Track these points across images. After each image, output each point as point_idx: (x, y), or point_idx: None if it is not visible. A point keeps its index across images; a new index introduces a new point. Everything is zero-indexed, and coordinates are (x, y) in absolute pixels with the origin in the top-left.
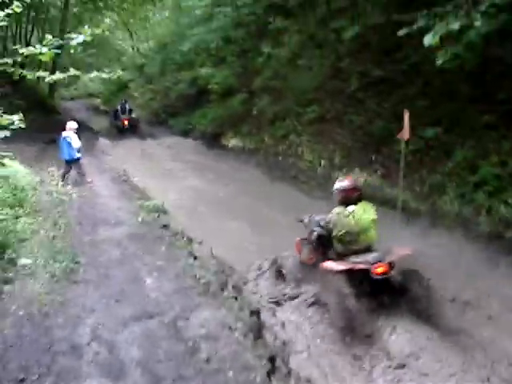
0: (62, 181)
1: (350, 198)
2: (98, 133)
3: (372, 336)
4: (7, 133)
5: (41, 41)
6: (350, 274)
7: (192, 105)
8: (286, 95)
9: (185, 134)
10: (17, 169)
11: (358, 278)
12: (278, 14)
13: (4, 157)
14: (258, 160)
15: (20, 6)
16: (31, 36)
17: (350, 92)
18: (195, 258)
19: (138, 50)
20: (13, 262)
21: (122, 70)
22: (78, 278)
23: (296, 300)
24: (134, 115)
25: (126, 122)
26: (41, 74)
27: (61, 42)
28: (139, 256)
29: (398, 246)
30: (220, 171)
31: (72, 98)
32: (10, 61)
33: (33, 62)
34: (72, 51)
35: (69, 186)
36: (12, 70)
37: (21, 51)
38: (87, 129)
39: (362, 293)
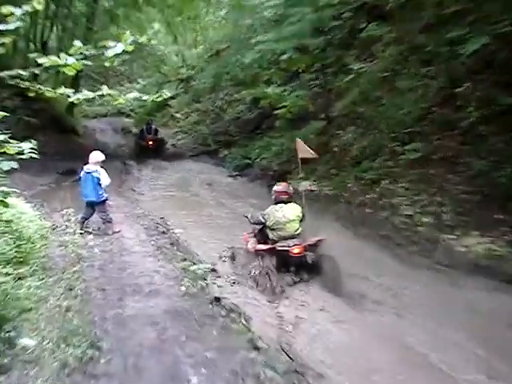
0: (82, 228)
1: (281, 198)
2: (127, 163)
3: (284, 292)
4: (14, 164)
5: (60, 41)
6: (276, 254)
7: (252, 132)
8: (378, 126)
9: (240, 169)
10: (22, 209)
11: (283, 258)
12: (371, 18)
13: (7, 194)
14: (338, 211)
15: (42, 1)
16: (49, 36)
17: (468, 125)
18: (258, 349)
19: (183, 58)
20: (11, 341)
21: (162, 83)
22: (98, 370)
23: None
24: (159, 136)
25: (150, 142)
26: (64, 91)
27: (93, 51)
28: (181, 342)
29: (315, 235)
30: None
31: (96, 116)
32: (24, 73)
33: (47, 71)
34: (107, 64)
35: (90, 236)
36: (27, 84)
37: (39, 60)
38: (114, 157)
39: (285, 268)
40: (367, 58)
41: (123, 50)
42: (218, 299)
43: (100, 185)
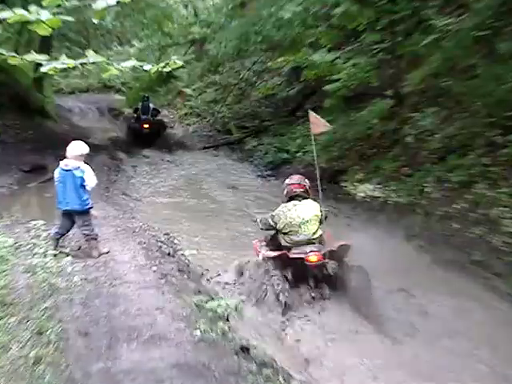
0: (56, 248)
1: (294, 192)
2: (117, 157)
3: (291, 306)
4: None
5: None
6: (289, 264)
7: (291, 116)
8: (470, 107)
9: (274, 167)
10: None
11: (297, 268)
12: None
13: None
14: (412, 226)
15: None
16: None
17: None
18: None
19: (195, 11)
20: None
21: (165, 47)
22: None
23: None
24: (158, 118)
25: (146, 126)
26: (35, 57)
27: (75, 2)
28: None
29: (340, 239)
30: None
31: (73, 92)
32: None
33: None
34: (95, 20)
35: (67, 259)
36: None
37: (1, 15)
38: (99, 148)
39: (299, 279)
40: (455, 10)
41: (118, 1)
42: (245, 349)
43: (84, 187)
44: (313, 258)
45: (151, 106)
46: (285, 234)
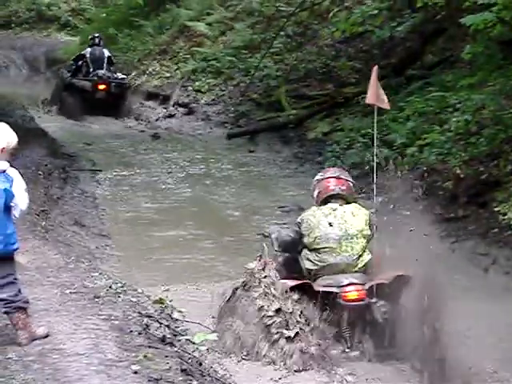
0: None
1: (332, 191)
2: (61, 149)
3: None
4: None
5: None
6: (314, 299)
7: (392, 76)
8: None
9: (363, 174)
10: None
11: (327, 307)
12: None
13: None
14: None
15: None
16: None
17: None
18: None
19: None
20: None
21: None
22: None
23: None
24: (119, 76)
25: (102, 87)
26: None
27: None
28: None
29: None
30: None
31: None
32: None
33: None
34: None
35: None
36: None
37: None
38: (30, 136)
39: (332, 327)
40: None
41: None
42: None
43: (10, 211)
44: (352, 294)
45: (106, 52)
46: (313, 250)
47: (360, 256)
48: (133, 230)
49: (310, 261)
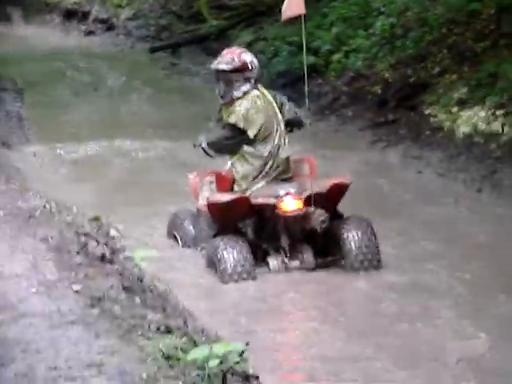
0: None
1: (246, 75)
2: None
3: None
4: None
5: None
6: (251, 213)
7: None
8: None
9: (290, 82)
10: None
11: (264, 220)
12: None
13: None
14: None
15: None
16: None
17: None
18: None
19: None
20: None
21: None
22: None
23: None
24: None
25: None
26: None
27: None
28: None
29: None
30: None
31: None
32: None
33: None
34: None
35: None
36: None
37: None
38: None
39: (270, 241)
40: None
41: None
42: None
43: None
44: (290, 204)
45: None
46: (253, 143)
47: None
48: (62, 145)
49: (250, 162)
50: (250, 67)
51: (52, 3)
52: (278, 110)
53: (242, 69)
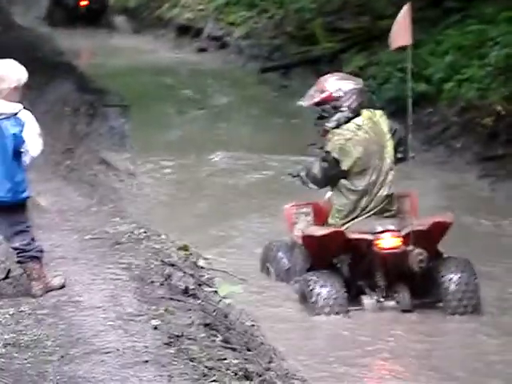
0: None
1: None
2: (90, 81)
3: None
4: None
5: None
6: (344, 247)
7: (430, 7)
8: None
9: (399, 109)
10: None
11: (357, 255)
12: None
13: None
14: None
15: None
16: None
17: None
18: None
19: None
20: None
21: None
22: None
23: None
24: None
25: (83, 3)
26: None
27: None
28: None
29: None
30: None
31: None
32: None
33: None
34: None
35: None
36: None
37: None
38: (49, 66)
39: (365, 278)
40: None
41: None
42: None
43: (21, 157)
44: (387, 242)
45: None
46: (351, 173)
47: (391, 185)
48: (160, 170)
49: (349, 194)
50: (337, 96)
51: (166, 18)
52: (389, 145)
53: (326, 100)
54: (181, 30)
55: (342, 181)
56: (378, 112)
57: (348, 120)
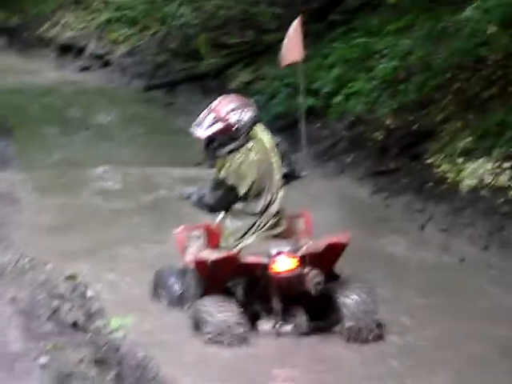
0: None
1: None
2: None
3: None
4: None
5: None
6: (238, 271)
7: (316, 21)
8: None
9: (288, 125)
10: None
11: (255, 281)
12: None
13: None
14: None
15: None
16: None
17: None
18: None
19: None
20: None
21: None
22: None
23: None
24: None
25: None
26: None
27: None
28: None
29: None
30: None
31: None
32: None
33: None
34: None
35: None
36: None
37: None
38: None
39: (257, 300)
40: None
41: None
42: None
43: None
44: (282, 264)
45: None
46: (245, 200)
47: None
48: (46, 195)
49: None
50: (237, 127)
51: (47, 38)
52: (276, 161)
53: (225, 132)
54: (63, 49)
55: (238, 205)
56: (259, 127)
57: (242, 145)
